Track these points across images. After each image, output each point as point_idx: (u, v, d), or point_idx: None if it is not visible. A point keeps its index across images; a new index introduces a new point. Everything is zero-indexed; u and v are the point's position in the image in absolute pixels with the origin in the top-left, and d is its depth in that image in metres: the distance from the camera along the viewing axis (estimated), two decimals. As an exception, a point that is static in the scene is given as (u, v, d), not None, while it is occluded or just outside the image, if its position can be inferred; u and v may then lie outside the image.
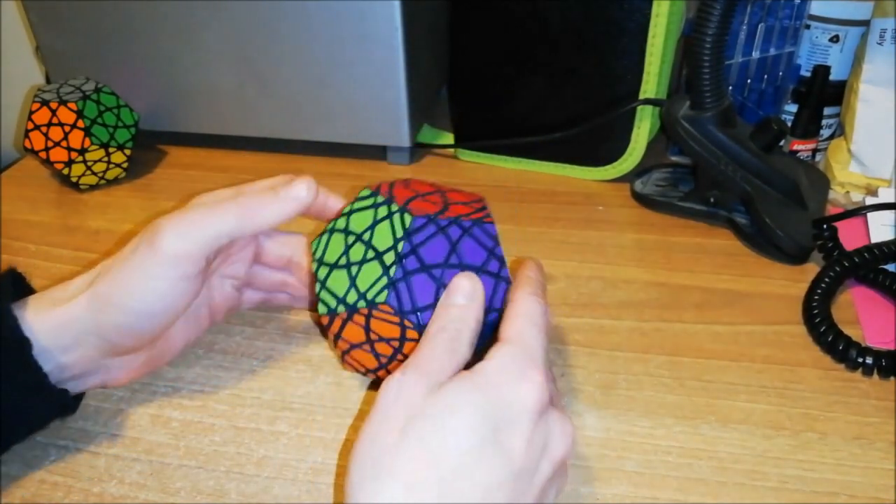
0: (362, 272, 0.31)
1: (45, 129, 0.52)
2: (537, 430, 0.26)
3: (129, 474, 0.33)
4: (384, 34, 0.51)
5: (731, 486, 0.32)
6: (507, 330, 0.28)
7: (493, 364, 0.27)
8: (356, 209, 0.33)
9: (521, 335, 0.28)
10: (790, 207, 0.46)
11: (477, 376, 0.26)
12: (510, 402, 0.26)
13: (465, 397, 0.25)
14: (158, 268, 0.32)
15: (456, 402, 0.25)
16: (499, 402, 0.26)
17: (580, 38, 0.50)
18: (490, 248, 0.32)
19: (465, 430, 0.25)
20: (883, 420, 0.34)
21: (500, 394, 0.26)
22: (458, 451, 0.24)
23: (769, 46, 0.53)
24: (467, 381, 0.26)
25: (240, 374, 0.38)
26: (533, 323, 0.28)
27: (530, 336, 0.28)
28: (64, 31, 0.57)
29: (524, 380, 0.26)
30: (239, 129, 0.59)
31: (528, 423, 0.26)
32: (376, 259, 0.31)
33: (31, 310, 0.32)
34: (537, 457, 0.26)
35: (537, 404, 0.26)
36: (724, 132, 0.46)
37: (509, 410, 0.25)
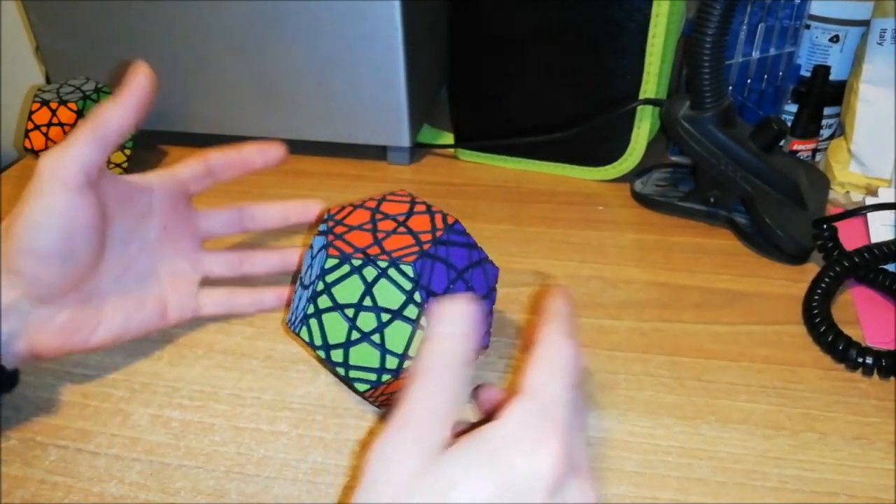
0: None
1: (45, 129, 0.52)
2: None
3: (129, 474, 0.33)
4: (384, 34, 0.51)
5: (731, 486, 0.32)
6: (527, 380, 0.25)
7: (503, 428, 0.23)
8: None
9: (542, 388, 0.24)
10: (790, 207, 0.46)
11: (484, 443, 0.23)
12: (521, 476, 0.22)
13: (469, 470, 0.22)
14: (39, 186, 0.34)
15: (458, 478, 0.22)
16: (508, 475, 0.22)
17: (580, 38, 0.50)
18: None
19: None
20: (883, 420, 0.34)
21: (510, 465, 0.22)
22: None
23: (769, 46, 0.53)
24: (471, 448, 0.23)
25: (240, 375, 0.38)
26: (558, 371, 0.25)
27: (552, 389, 0.24)
28: (64, 31, 0.57)
29: (539, 448, 0.23)
30: (239, 129, 0.59)
31: (542, 499, 0.22)
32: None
33: None
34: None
35: (552, 477, 0.23)
36: (724, 132, 0.46)
37: (520, 485, 0.22)
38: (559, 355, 0.25)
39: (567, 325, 0.27)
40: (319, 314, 0.31)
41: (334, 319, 0.31)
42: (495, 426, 0.23)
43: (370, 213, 0.34)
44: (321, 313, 0.31)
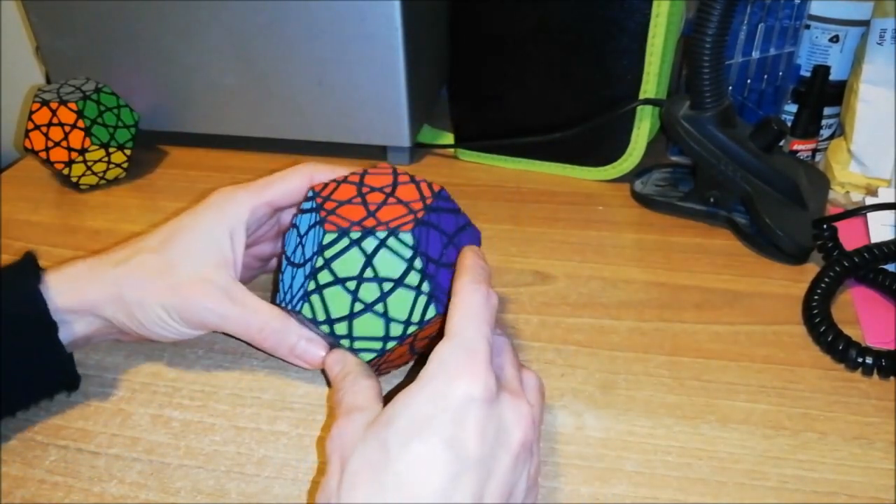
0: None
1: (45, 129, 0.52)
2: (488, 419, 0.25)
3: (130, 474, 0.33)
4: (384, 34, 0.51)
5: (730, 485, 0.32)
6: (448, 326, 0.28)
7: (430, 366, 0.27)
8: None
9: (461, 329, 0.27)
10: (790, 207, 0.46)
11: (414, 383, 0.26)
12: (452, 398, 0.25)
13: (402, 407, 0.25)
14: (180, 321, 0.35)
15: (392, 415, 0.25)
16: (438, 400, 0.25)
17: (580, 38, 0.50)
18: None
19: (405, 437, 0.24)
20: (883, 420, 0.34)
21: (440, 392, 0.25)
22: (404, 459, 0.24)
23: (769, 46, 0.53)
24: (404, 392, 0.26)
25: (240, 374, 0.38)
26: (472, 314, 0.28)
27: (470, 328, 0.27)
28: (64, 31, 0.57)
29: (464, 374, 0.26)
30: (239, 129, 0.59)
31: (476, 414, 0.25)
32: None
33: (57, 286, 0.34)
34: (492, 445, 0.25)
35: (481, 394, 0.25)
36: (723, 132, 0.46)
37: (452, 406, 0.25)
38: (471, 301, 0.29)
39: (476, 275, 0.30)
40: (320, 289, 0.32)
41: (336, 293, 0.32)
42: (424, 369, 0.27)
43: (356, 188, 0.34)
44: (322, 289, 0.32)
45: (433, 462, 0.24)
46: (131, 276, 0.35)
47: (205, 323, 0.35)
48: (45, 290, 0.34)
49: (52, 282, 0.34)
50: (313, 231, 0.33)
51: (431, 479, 0.24)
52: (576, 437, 0.34)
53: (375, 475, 0.24)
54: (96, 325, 0.35)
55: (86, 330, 0.35)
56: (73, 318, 0.34)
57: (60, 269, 0.35)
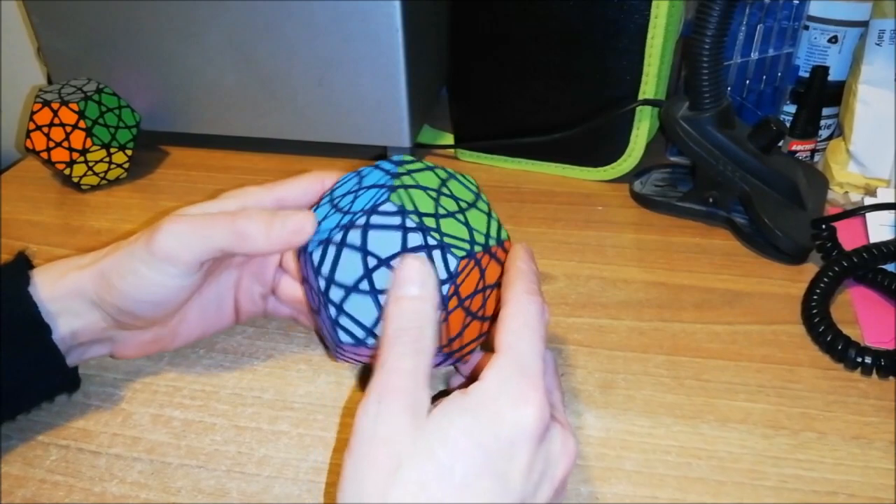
0: None
1: (46, 130, 0.52)
2: (538, 455, 0.24)
3: (131, 474, 0.33)
4: (384, 34, 0.51)
5: (730, 485, 0.32)
6: (501, 339, 0.26)
7: (485, 386, 0.25)
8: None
9: (515, 343, 0.26)
10: (789, 207, 0.46)
11: (471, 400, 0.25)
12: (508, 429, 0.24)
13: (459, 426, 0.24)
14: (150, 263, 0.32)
15: (449, 434, 0.24)
16: (495, 429, 0.24)
17: (580, 39, 0.50)
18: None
19: (460, 464, 0.23)
20: (882, 420, 0.35)
21: (497, 419, 0.24)
22: (453, 486, 0.23)
23: (768, 47, 0.53)
24: (459, 406, 0.24)
25: (241, 374, 0.38)
26: (529, 328, 0.26)
27: (526, 345, 0.26)
28: (65, 31, 0.57)
29: (522, 401, 0.24)
30: (240, 129, 0.59)
31: (528, 450, 0.24)
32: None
33: (39, 278, 0.33)
34: (537, 482, 0.25)
35: (537, 428, 0.24)
36: (722, 133, 0.46)
37: (507, 437, 0.24)
38: (527, 313, 0.27)
39: (531, 283, 0.28)
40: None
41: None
42: (478, 385, 0.25)
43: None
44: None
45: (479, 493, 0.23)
46: (111, 253, 0.34)
47: (174, 246, 0.32)
48: (33, 289, 0.33)
49: (37, 277, 0.34)
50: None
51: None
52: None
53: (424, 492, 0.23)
54: (82, 317, 0.34)
55: (73, 324, 0.33)
56: (56, 309, 0.33)
57: (46, 266, 0.35)
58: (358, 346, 0.31)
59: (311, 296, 0.33)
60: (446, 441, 0.24)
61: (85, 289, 0.33)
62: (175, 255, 0.32)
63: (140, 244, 0.32)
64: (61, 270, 0.34)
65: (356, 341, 0.31)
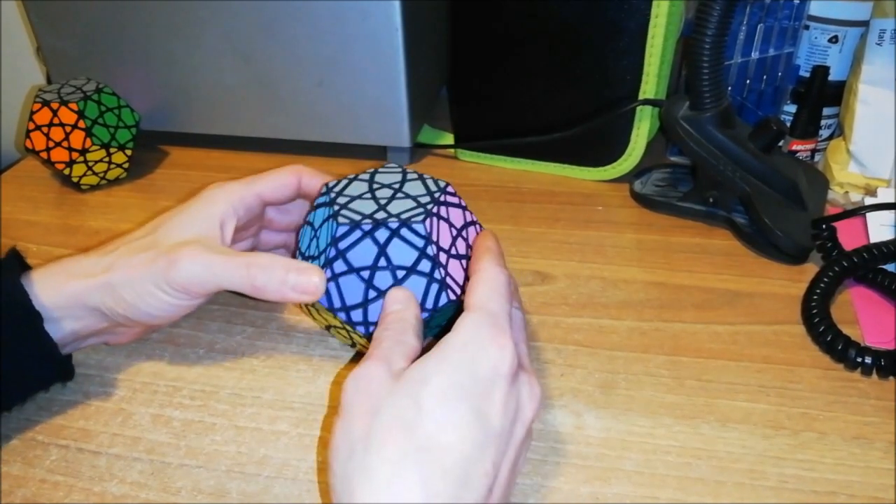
0: None
1: (46, 130, 0.52)
2: (510, 394, 0.26)
3: (130, 474, 0.33)
4: (384, 34, 0.51)
5: (730, 485, 0.32)
6: (471, 299, 0.29)
7: (459, 335, 0.27)
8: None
9: (485, 303, 0.28)
10: (789, 207, 0.46)
11: (444, 348, 0.27)
12: (482, 369, 0.26)
13: (435, 368, 0.26)
14: (166, 290, 0.34)
15: (426, 375, 0.26)
16: (470, 369, 0.26)
17: (580, 39, 0.50)
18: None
19: (438, 399, 0.25)
20: (882, 420, 0.34)
21: (471, 361, 0.26)
22: (435, 421, 0.25)
23: (768, 47, 0.53)
24: (434, 355, 0.27)
25: (240, 374, 0.38)
26: (495, 290, 0.29)
27: (494, 303, 0.28)
28: (65, 31, 0.57)
29: (493, 345, 0.27)
30: (239, 129, 0.59)
31: (502, 388, 0.26)
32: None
33: (40, 282, 0.34)
34: (512, 419, 0.26)
35: (509, 368, 0.26)
36: (723, 132, 0.46)
37: (482, 376, 0.26)
38: (494, 279, 0.30)
39: (497, 255, 0.32)
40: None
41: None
42: (452, 335, 0.27)
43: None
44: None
45: (463, 429, 0.25)
46: (118, 259, 0.34)
47: (191, 280, 0.34)
48: (29, 286, 0.34)
49: (36, 279, 0.34)
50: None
51: (461, 445, 0.24)
52: (575, 437, 0.34)
53: (407, 433, 0.24)
54: (84, 320, 0.35)
55: (74, 326, 0.35)
56: (59, 314, 0.34)
57: (45, 267, 0.35)
58: None
59: None
60: (424, 381, 0.26)
61: (90, 298, 0.34)
62: (191, 289, 0.34)
63: (157, 271, 0.34)
64: (63, 277, 0.34)
65: None
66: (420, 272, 0.33)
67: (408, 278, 0.33)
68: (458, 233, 0.35)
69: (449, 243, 0.34)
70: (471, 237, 0.36)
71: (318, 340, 0.40)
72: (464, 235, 0.35)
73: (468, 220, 0.36)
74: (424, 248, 0.33)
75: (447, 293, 0.33)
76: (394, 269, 0.32)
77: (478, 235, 0.35)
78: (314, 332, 0.41)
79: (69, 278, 0.34)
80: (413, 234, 0.33)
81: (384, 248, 0.33)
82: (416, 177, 0.36)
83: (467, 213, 0.36)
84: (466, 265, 0.34)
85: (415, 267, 0.33)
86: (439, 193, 0.35)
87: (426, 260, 0.33)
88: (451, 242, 0.34)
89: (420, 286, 0.33)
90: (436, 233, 0.33)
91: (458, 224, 0.35)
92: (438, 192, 0.35)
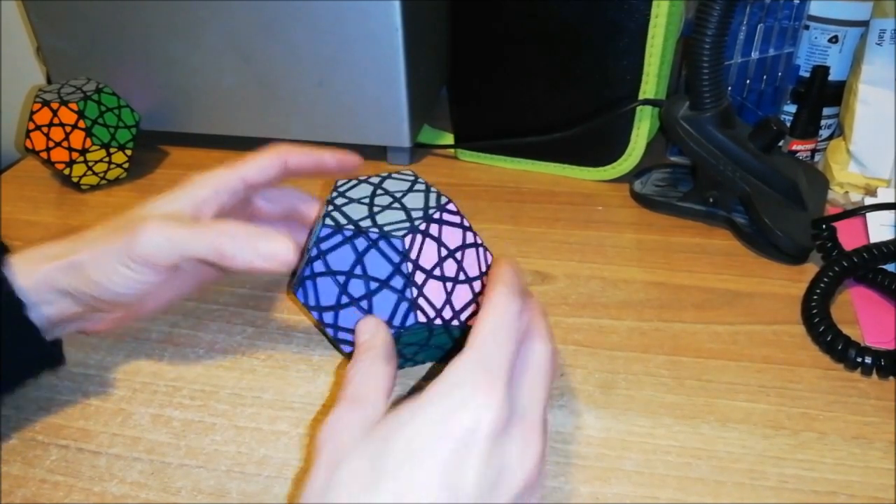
0: None
1: (46, 130, 0.52)
2: (491, 457, 0.23)
3: (130, 474, 0.33)
4: (384, 34, 0.51)
5: (730, 485, 0.32)
6: (469, 339, 0.25)
7: (444, 381, 0.24)
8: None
9: (482, 343, 0.25)
10: (789, 207, 0.46)
11: (424, 396, 0.24)
12: (457, 427, 0.23)
13: (407, 422, 0.23)
14: (129, 265, 0.33)
15: (393, 430, 0.23)
16: (442, 426, 0.23)
17: (580, 39, 0.50)
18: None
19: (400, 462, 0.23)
20: (882, 420, 0.34)
21: (446, 416, 0.23)
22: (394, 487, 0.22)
23: (768, 47, 0.53)
24: (411, 404, 0.24)
25: (240, 374, 0.38)
26: (501, 328, 0.25)
27: (493, 344, 0.25)
28: (65, 31, 0.57)
29: (476, 397, 0.23)
30: (239, 129, 0.59)
31: (481, 451, 0.23)
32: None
33: (18, 266, 0.33)
34: (491, 486, 0.23)
35: (491, 425, 0.23)
36: (723, 132, 0.46)
37: (455, 436, 0.23)
38: (501, 312, 0.26)
39: (510, 285, 0.27)
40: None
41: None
42: (438, 381, 0.24)
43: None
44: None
45: (424, 493, 0.22)
46: (84, 240, 0.34)
47: (152, 252, 0.32)
48: (10, 273, 0.33)
49: (14, 264, 0.34)
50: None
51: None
52: (575, 437, 0.34)
53: (363, 492, 0.22)
54: (56, 304, 0.34)
55: (48, 311, 0.34)
56: (34, 300, 0.33)
57: (23, 252, 0.35)
58: None
59: None
60: (388, 440, 0.23)
61: (58, 281, 0.33)
62: (153, 261, 0.33)
63: (119, 245, 0.33)
64: (35, 260, 0.34)
65: None
66: (392, 287, 0.32)
67: (379, 291, 0.32)
68: (451, 254, 0.33)
69: (433, 264, 0.33)
70: (468, 259, 0.34)
71: (318, 340, 0.40)
72: (457, 258, 0.34)
73: (468, 241, 0.34)
74: (399, 264, 0.32)
75: (416, 314, 0.32)
76: (367, 280, 0.32)
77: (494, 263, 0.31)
78: (314, 332, 0.41)
79: (41, 262, 0.34)
80: (390, 248, 0.32)
81: (361, 257, 0.32)
82: (423, 189, 0.35)
83: (469, 234, 0.34)
84: (454, 288, 0.33)
85: (388, 281, 0.32)
86: (435, 210, 0.33)
87: (399, 276, 0.32)
88: (437, 263, 0.33)
89: (390, 302, 0.32)
90: (416, 251, 0.32)
91: (452, 245, 0.34)
92: (434, 209, 0.34)
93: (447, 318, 0.33)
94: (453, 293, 0.33)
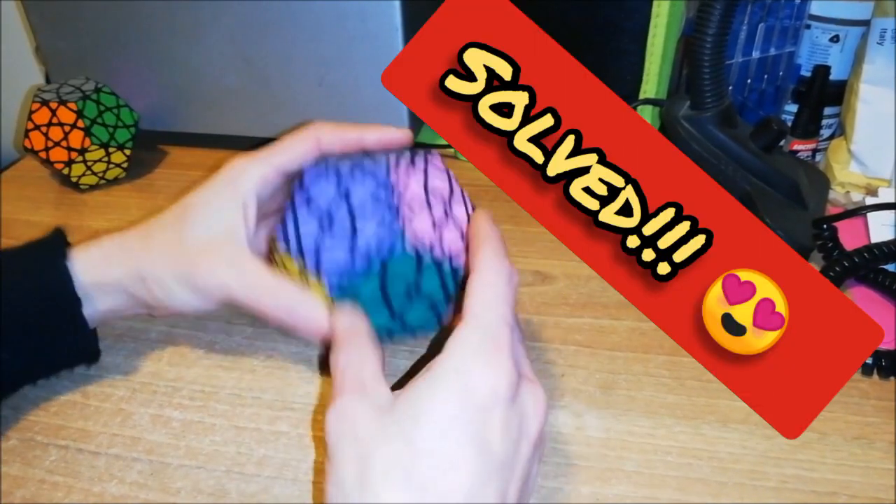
0: None
1: (45, 129, 0.52)
2: (511, 415, 0.25)
3: (130, 474, 0.33)
4: (384, 34, 0.51)
5: (731, 485, 0.32)
6: (468, 308, 0.26)
7: (452, 357, 0.25)
8: None
9: (483, 313, 0.26)
10: (790, 207, 0.46)
11: (435, 374, 0.25)
12: (477, 396, 0.24)
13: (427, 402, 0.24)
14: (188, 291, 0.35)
15: (418, 411, 0.24)
16: (464, 398, 0.24)
17: (580, 39, 0.50)
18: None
19: (434, 438, 0.24)
20: (883, 420, 0.34)
21: (464, 389, 0.24)
22: (433, 462, 0.23)
23: (769, 46, 0.53)
24: (425, 383, 0.25)
25: (240, 374, 0.38)
26: (497, 296, 0.27)
27: (492, 312, 0.26)
28: (64, 31, 0.57)
29: (488, 368, 0.25)
30: (239, 129, 0.59)
31: (502, 411, 0.24)
32: None
33: (82, 262, 0.35)
34: (515, 441, 0.25)
35: (507, 390, 0.25)
36: (724, 132, 0.46)
37: (478, 405, 0.24)
38: (496, 279, 0.27)
39: (498, 247, 0.29)
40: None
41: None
42: (445, 357, 0.25)
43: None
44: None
45: (463, 465, 0.23)
46: (148, 253, 0.35)
47: (213, 292, 0.34)
48: (72, 266, 0.35)
49: (78, 258, 0.35)
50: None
51: (461, 480, 0.23)
52: (576, 437, 0.34)
53: (406, 480, 0.23)
54: (123, 300, 0.36)
55: (112, 304, 0.36)
56: (98, 294, 0.35)
57: (87, 247, 0.36)
58: None
59: None
60: (417, 420, 0.24)
61: (126, 285, 0.35)
62: (211, 295, 0.34)
63: (183, 270, 0.34)
64: (101, 256, 0.36)
65: None
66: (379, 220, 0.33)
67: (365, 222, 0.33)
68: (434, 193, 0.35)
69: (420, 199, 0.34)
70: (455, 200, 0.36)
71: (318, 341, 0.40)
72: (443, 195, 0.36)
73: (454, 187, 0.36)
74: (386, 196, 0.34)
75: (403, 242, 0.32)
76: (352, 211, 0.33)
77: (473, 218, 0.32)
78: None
79: (110, 263, 0.35)
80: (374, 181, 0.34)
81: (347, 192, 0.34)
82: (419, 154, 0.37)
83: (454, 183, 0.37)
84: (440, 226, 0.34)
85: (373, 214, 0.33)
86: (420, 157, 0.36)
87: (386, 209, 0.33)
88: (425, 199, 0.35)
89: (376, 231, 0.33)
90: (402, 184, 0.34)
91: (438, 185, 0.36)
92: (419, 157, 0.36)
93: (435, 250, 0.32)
94: (442, 231, 0.33)
